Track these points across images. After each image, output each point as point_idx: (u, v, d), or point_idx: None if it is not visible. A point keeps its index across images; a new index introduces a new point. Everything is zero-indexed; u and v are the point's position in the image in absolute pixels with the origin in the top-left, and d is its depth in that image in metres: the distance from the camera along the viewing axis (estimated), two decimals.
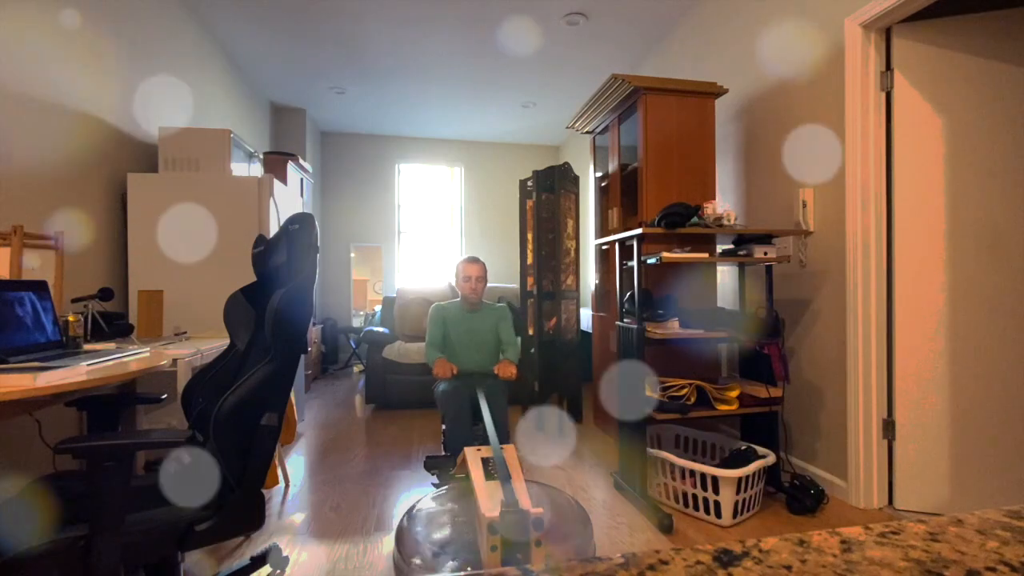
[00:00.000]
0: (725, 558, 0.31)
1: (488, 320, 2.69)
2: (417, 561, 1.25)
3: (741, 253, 2.33)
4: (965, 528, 0.34)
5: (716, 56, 3.24)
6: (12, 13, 2.01)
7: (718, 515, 2.08)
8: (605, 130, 3.32)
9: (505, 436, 2.25)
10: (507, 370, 2.49)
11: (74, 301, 2.17)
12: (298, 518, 2.17)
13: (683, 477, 2.19)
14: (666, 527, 2.04)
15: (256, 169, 3.37)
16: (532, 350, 3.66)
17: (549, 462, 2.87)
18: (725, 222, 2.24)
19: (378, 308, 5.65)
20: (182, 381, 1.85)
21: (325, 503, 2.32)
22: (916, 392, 2.19)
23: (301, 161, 4.47)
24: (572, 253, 3.69)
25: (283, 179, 4.08)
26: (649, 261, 2.21)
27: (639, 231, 2.15)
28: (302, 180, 4.60)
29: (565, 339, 3.55)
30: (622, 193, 3.16)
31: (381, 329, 4.23)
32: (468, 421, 2.32)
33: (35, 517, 1.12)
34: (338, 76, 4.61)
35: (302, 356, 3.22)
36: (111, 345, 2.01)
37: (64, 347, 1.77)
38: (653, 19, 3.63)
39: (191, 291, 2.64)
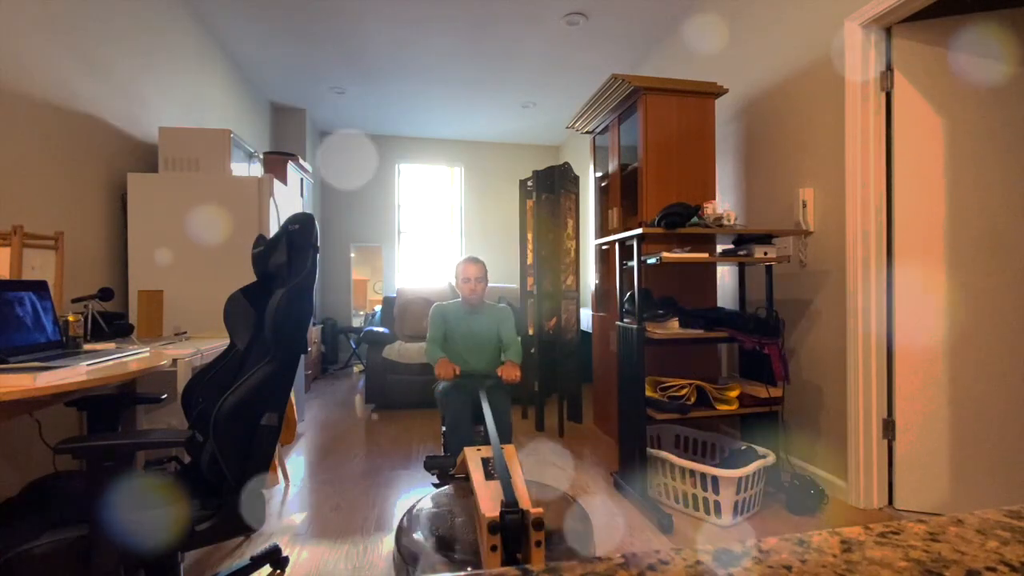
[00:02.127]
0: (725, 558, 0.31)
1: (489, 321, 2.63)
2: (417, 561, 1.25)
3: (741, 253, 2.33)
4: (965, 528, 0.34)
5: (716, 56, 3.24)
6: (12, 13, 2.01)
7: (718, 515, 2.08)
8: (605, 130, 3.32)
9: (508, 436, 2.24)
10: (511, 373, 2.37)
11: (74, 301, 2.17)
12: (298, 518, 2.17)
13: (683, 477, 2.19)
14: (666, 527, 2.04)
15: (256, 169, 3.37)
16: (532, 350, 3.66)
17: (549, 462, 2.87)
18: (725, 222, 2.24)
19: (378, 308, 5.66)
20: (182, 381, 1.85)
21: (325, 503, 2.32)
22: (916, 392, 2.19)
23: (301, 161, 4.47)
24: (572, 253, 3.69)
25: (283, 179, 4.08)
26: (649, 261, 2.21)
27: (639, 231, 2.15)
28: (302, 180, 4.60)
29: (565, 339, 3.55)
30: (622, 193, 3.16)
31: (381, 329, 4.23)
32: (469, 422, 2.30)
33: (35, 517, 1.12)
34: (338, 76, 4.61)
35: (302, 356, 3.22)
36: (111, 345, 2.01)
37: (64, 347, 1.77)
38: (653, 19, 3.63)
39: (191, 291, 2.64)
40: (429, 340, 2.58)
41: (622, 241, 2.40)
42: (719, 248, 2.55)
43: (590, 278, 4.82)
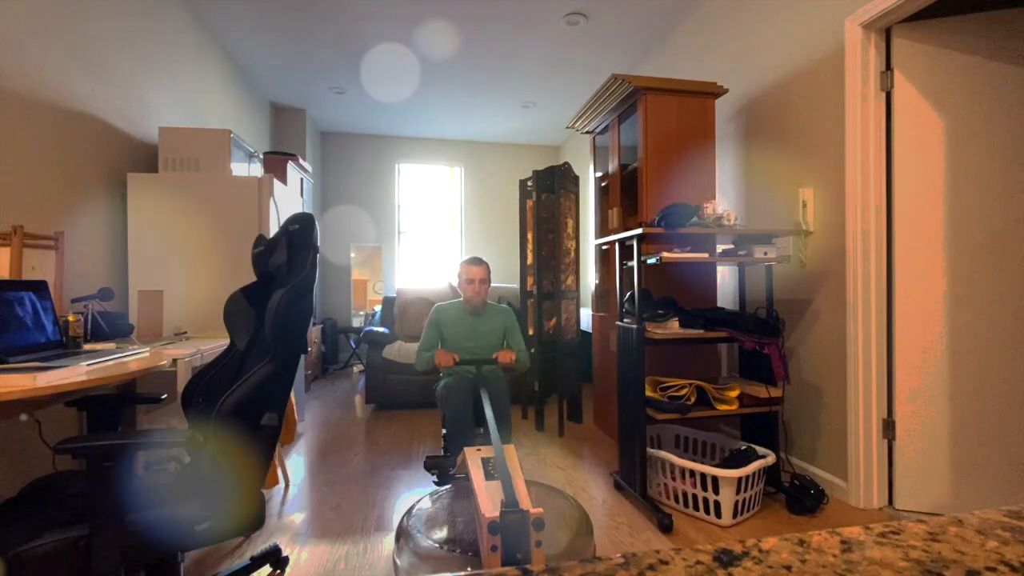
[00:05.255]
0: (725, 558, 0.31)
1: (493, 323, 2.60)
2: (417, 561, 1.25)
3: (741, 253, 2.33)
4: (965, 528, 0.34)
5: (716, 56, 3.24)
6: (12, 13, 2.01)
7: (718, 515, 2.08)
8: (605, 130, 3.32)
9: (508, 433, 2.24)
10: (507, 356, 2.40)
11: (74, 301, 2.17)
12: (298, 518, 2.17)
13: (683, 477, 2.19)
14: (666, 527, 2.04)
15: (256, 169, 3.37)
16: (532, 350, 3.66)
17: (549, 462, 2.87)
18: (725, 222, 2.24)
19: (378, 308, 5.65)
20: (182, 381, 1.85)
21: (325, 503, 2.32)
22: (916, 392, 2.19)
23: (301, 161, 4.47)
24: (572, 253, 3.69)
25: (283, 179, 4.08)
26: (649, 261, 2.21)
27: (639, 231, 2.15)
28: (302, 180, 4.60)
29: (565, 339, 3.55)
30: (622, 193, 3.16)
31: (381, 329, 4.23)
32: (469, 421, 2.31)
33: (35, 517, 1.12)
34: (338, 76, 4.61)
35: (302, 356, 3.22)
36: (111, 345, 2.01)
37: (64, 347, 1.77)
38: (653, 19, 3.63)
39: (191, 291, 2.64)
40: (421, 347, 2.52)
41: (622, 241, 2.40)
42: (719, 248, 2.55)
43: (590, 278, 4.82)
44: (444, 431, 2.32)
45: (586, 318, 4.49)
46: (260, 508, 1.27)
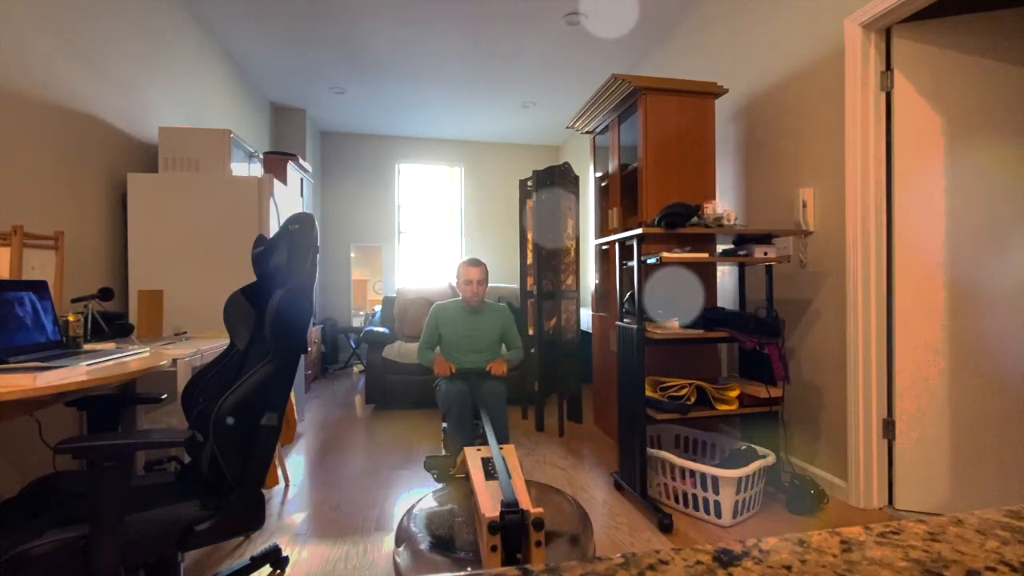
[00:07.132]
0: (725, 558, 0.31)
1: (490, 320, 2.67)
2: (417, 561, 1.25)
3: (741, 253, 2.33)
4: (965, 528, 0.34)
5: (716, 56, 3.24)
6: (12, 13, 2.01)
7: (718, 515, 2.08)
8: (605, 130, 3.32)
9: (504, 437, 2.25)
10: (499, 367, 2.53)
11: (74, 301, 2.17)
12: (298, 518, 2.17)
13: (683, 477, 2.19)
14: (666, 527, 2.04)
15: (256, 169, 3.37)
16: (532, 350, 3.66)
17: (549, 462, 2.87)
18: (725, 222, 2.24)
19: (378, 308, 5.65)
20: (182, 381, 1.85)
21: (325, 503, 2.32)
22: (916, 392, 2.19)
23: (301, 161, 4.47)
24: (572, 253, 3.69)
25: (283, 179, 4.08)
26: (649, 261, 2.21)
27: (639, 231, 2.15)
28: (302, 180, 4.60)
29: (565, 339, 3.55)
30: (622, 193, 3.16)
31: (381, 329, 4.23)
32: (469, 420, 2.32)
33: (35, 517, 1.12)
34: (338, 76, 4.61)
35: (302, 356, 3.22)
36: (111, 345, 2.01)
37: (64, 347, 1.77)
38: (653, 19, 3.63)
39: (191, 291, 2.64)
40: (421, 345, 2.68)
41: (622, 241, 2.39)
42: (719, 248, 2.55)
43: (590, 278, 4.82)
44: (444, 426, 2.33)
45: (586, 318, 4.48)
46: (260, 508, 1.27)
